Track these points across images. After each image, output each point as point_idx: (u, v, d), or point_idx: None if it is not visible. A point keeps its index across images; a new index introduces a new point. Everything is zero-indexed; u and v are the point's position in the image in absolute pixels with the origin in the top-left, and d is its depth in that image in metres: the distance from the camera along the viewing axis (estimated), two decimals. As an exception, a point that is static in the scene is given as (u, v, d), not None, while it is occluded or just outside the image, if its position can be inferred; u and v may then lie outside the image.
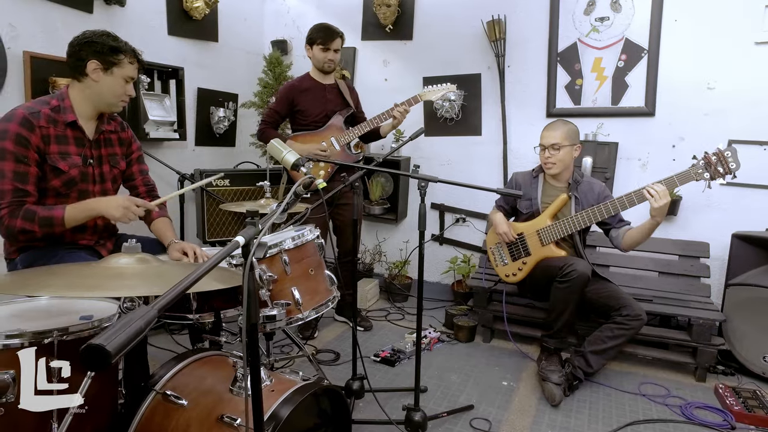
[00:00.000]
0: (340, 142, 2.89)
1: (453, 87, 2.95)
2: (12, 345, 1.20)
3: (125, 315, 0.53)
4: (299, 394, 1.35)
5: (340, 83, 2.98)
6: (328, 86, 2.92)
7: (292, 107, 2.88)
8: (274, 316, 1.45)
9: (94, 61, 1.71)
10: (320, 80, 2.91)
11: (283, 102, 2.88)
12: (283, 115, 2.91)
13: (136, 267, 1.15)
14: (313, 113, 2.87)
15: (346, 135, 2.89)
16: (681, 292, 2.79)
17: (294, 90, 2.88)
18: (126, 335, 0.49)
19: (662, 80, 2.95)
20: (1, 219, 1.58)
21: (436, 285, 3.73)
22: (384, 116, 2.86)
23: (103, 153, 1.86)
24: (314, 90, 2.89)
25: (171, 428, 1.29)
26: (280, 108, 2.89)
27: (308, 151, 2.80)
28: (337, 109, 2.93)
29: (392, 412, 2.12)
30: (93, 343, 0.47)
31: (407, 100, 2.86)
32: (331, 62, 2.85)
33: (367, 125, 2.89)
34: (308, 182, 1.33)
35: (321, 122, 2.90)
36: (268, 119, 2.90)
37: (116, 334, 0.49)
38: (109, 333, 0.49)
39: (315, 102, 2.87)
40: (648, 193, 2.20)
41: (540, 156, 2.53)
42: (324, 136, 2.89)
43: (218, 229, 3.23)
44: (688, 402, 2.30)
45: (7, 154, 1.58)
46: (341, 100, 2.95)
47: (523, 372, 2.60)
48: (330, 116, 2.91)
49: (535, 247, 2.54)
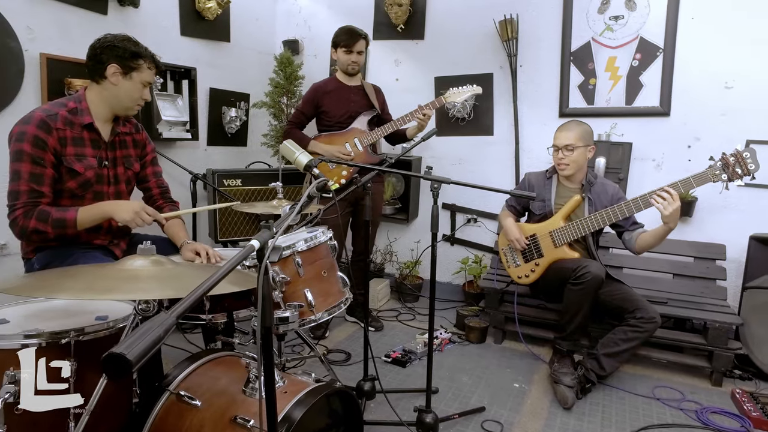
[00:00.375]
0: (363, 143, 2.91)
1: (479, 89, 2.95)
2: (31, 345, 1.21)
3: (144, 323, 0.53)
4: (312, 396, 1.36)
5: (366, 85, 3.02)
6: (353, 88, 2.96)
7: (317, 108, 2.94)
8: (287, 317, 1.45)
9: (115, 65, 1.72)
10: (345, 82, 2.96)
11: (308, 103, 2.94)
12: (308, 115, 2.97)
13: (150, 269, 1.16)
14: (337, 114, 2.91)
15: (370, 136, 2.92)
16: (696, 295, 2.75)
17: (319, 91, 2.93)
18: (146, 344, 0.49)
19: (678, 79, 2.91)
20: (16, 219, 1.60)
21: (447, 285, 3.72)
22: (408, 118, 2.87)
23: (118, 155, 1.87)
24: (339, 91, 2.93)
25: (185, 429, 1.30)
26: (305, 109, 2.95)
27: (330, 151, 2.84)
28: (362, 111, 2.96)
29: (404, 413, 2.12)
30: (114, 352, 0.47)
31: (431, 102, 2.88)
32: (354, 64, 2.89)
33: (390, 126, 2.91)
34: (322, 185, 1.33)
35: (345, 123, 2.93)
36: (294, 120, 2.97)
37: (136, 342, 0.49)
38: (129, 341, 0.49)
39: (339, 103, 2.92)
40: (655, 201, 2.18)
41: (553, 157, 2.51)
42: (347, 137, 2.92)
43: (230, 229, 3.25)
44: (704, 407, 2.26)
45: (25, 156, 1.60)
46: (366, 102, 2.98)
47: (535, 374, 2.58)
48: (354, 117, 2.94)
49: (548, 248, 2.52)
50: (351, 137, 2.92)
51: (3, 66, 2.33)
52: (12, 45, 2.36)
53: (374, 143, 2.96)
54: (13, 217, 1.61)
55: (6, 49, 2.34)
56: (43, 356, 1.21)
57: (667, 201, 2.15)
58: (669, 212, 2.14)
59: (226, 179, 3.21)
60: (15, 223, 1.62)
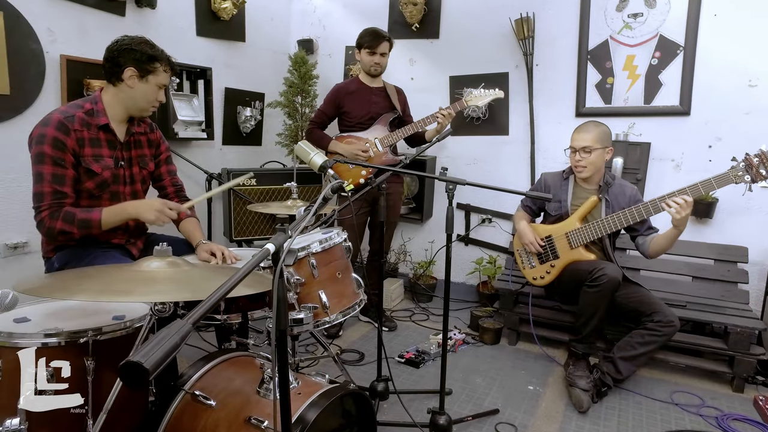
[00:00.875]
0: (384, 144, 2.92)
1: (501, 93, 2.96)
2: (51, 344, 1.24)
3: (161, 330, 0.53)
4: (326, 398, 1.36)
5: (389, 87, 3.03)
6: (375, 89, 2.98)
7: (338, 109, 2.97)
8: (301, 319, 1.45)
9: (132, 69, 1.74)
10: (368, 83, 2.98)
11: (330, 104, 2.97)
12: (330, 116, 3.00)
13: (167, 271, 1.17)
14: (358, 115, 2.94)
15: (390, 137, 2.92)
16: (717, 298, 2.69)
17: (341, 92, 2.96)
18: (162, 352, 0.49)
19: (699, 78, 2.85)
20: (42, 221, 1.63)
21: (461, 285, 3.70)
22: (428, 120, 2.88)
23: (133, 155, 1.90)
24: (360, 92, 2.95)
25: (200, 428, 1.31)
26: (327, 109, 2.98)
27: (351, 152, 2.86)
28: (383, 112, 2.97)
29: (417, 414, 2.11)
30: (131, 360, 0.47)
31: (452, 105, 2.88)
32: (377, 66, 2.91)
33: (411, 128, 2.92)
34: (337, 187, 1.33)
35: (366, 124, 2.95)
36: (316, 120, 3.00)
37: (153, 350, 0.49)
38: (146, 349, 0.49)
39: (360, 104, 2.94)
40: (667, 205, 2.16)
41: (570, 158, 2.48)
42: (368, 138, 2.93)
43: (245, 229, 3.27)
44: (725, 413, 2.22)
45: (46, 158, 1.63)
46: (387, 103, 3.00)
47: (550, 377, 2.56)
48: (375, 118, 2.96)
49: (563, 249, 2.49)
50: (372, 138, 2.93)
51: (25, 68, 2.37)
52: (34, 47, 2.40)
53: (394, 144, 2.97)
54: (39, 219, 1.65)
55: (28, 51, 2.38)
56: (63, 355, 1.24)
57: (681, 207, 2.12)
58: (681, 217, 2.13)
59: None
60: (42, 225, 1.65)
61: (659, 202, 2.22)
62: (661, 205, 2.19)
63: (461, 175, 3.59)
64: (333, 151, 2.90)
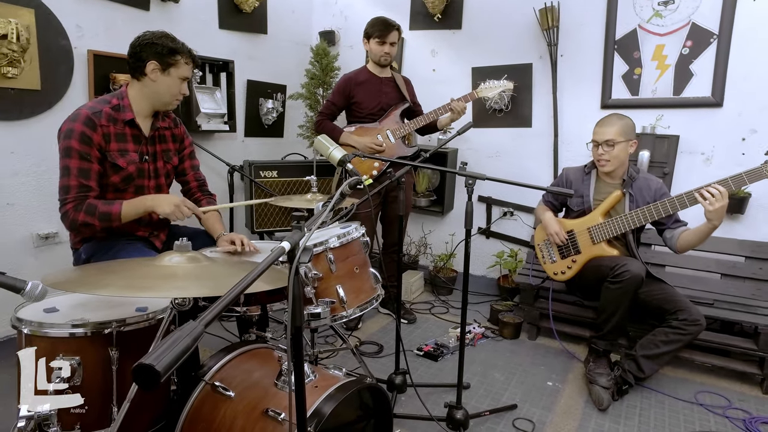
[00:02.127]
0: (396, 136, 2.90)
1: (510, 84, 2.92)
2: (78, 334, 1.29)
3: (174, 332, 0.54)
4: (342, 391, 1.37)
5: (397, 77, 3.00)
6: (384, 79, 2.95)
7: (348, 100, 2.93)
8: (318, 313, 1.47)
9: (154, 62, 1.77)
10: (377, 73, 2.94)
11: (339, 94, 2.93)
12: (340, 107, 2.96)
13: (187, 267, 1.19)
14: (369, 106, 2.91)
15: (402, 128, 2.90)
16: (747, 297, 2.60)
17: (351, 82, 2.92)
18: (174, 354, 0.51)
19: (733, 67, 2.74)
20: (67, 212, 1.69)
21: (482, 279, 3.67)
22: (440, 111, 2.85)
23: (158, 149, 1.94)
24: (370, 83, 2.92)
25: (219, 418, 1.34)
26: (336, 100, 2.94)
27: (363, 144, 2.85)
28: (393, 103, 2.95)
29: (434, 408, 2.12)
30: (143, 363, 0.49)
31: (464, 96, 2.84)
32: (387, 55, 2.87)
33: (423, 119, 2.89)
34: (354, 183, 1.33)
35: (377, 115, 2.93)
36: (325, 111, 2.96)
37: (165, 353, 0.50)
38: (158, 352, 0.50)
39: (371, 95, 2.90)
40: (701, 196, 2.08)
41: (593, 152, 2.42)
42: (380, 130, 2.91)
43: (266, 220, 3.31)
44: (754, 416, 2.15)
45: (73, 152, 1.67)
46: (397, 94, 2.97)
47: (570, 373, 2.53)
48: (386, 109, 2.93)
49: (585, 245, 2.45)
50: (383, 129, 2.91)
51: (55, 64, 2.44)
52: (63, 43, 2.46)
53: (406, 135, 2.94)
54: (63, 211, 1.70)
55: (58, 47, 2.45)
56: (90, 346, 1.29)
57: (715, 198, 2.04)
58: (715, 208, 2.04)
59: (263, 170, 3.27)
60: (66, 216, 1.70)
61: (694, 192, 2.12)
62: (695, 196, 2.11)
63: (482, 167, 3.57)
64: (345, 143, 2.88)
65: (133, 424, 1.35)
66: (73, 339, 1.28)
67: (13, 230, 2.40)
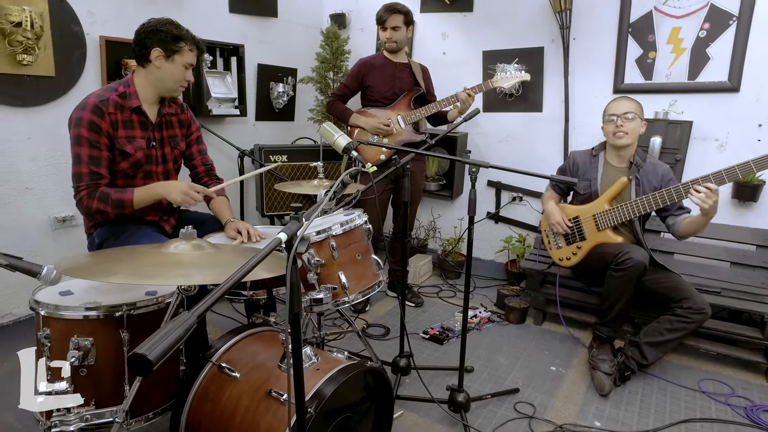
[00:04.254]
0: (406, 121, 2.90)
1: (527, 76, 2.87)
2: (91, 316, 1.35)
3: (168, 323, 0.58)
4: (343, 374, 1.42)
5: (414, 64, 2.99)
6: (399, 65, 2.94)
7: (362, 83, 2.94)
8: (321, 299, 1.51)
9: (158, 49, 1.80)
10: (392, 59, 2.94)
11: (354, 77, 2.95)
12: (353, 89, 2.98)
13: (192, 254, 1.24)
14: (382, 90, 2.91)
15: (413, 114, 2.90)
16: (756, 286, 2.58)
17: (366, 66, 2.93)
18: (166, 344, 0.54)
19: (753, 51, 2.65)
20: (81, 200, 1.75)
21: (490, 263, 3.69)
22: (452, 99, 2.83)
23: (164, 135, 1.98)
24: (385, 67, 2.92)
25: (225, 398, 1.41)
26: (350, 83, 2.96)
27: (371, 124, 2.86)
28: (407, 88, 2.94)
29: (438, 390, 2.18)
30: (137, 353, 0.53)
31: (477, 86, 2.81)
32: (390, 41, 2.86)
33: (434, 107, 2.88)
34: (355, 172, 1.35)
35: (389, 100, 2.93)
36: (338, 92, 2.99)
37: (157, 343, 0.54)
38: (151, 342, 0.54)
39: (384, 79, 2.91)
40: (692, 195, 2.09)
41: (608, 128, 2.39)
42: (390, 114, 2.92)
43: (276, 204, 3.36)
44: (756, 404, 2.16)
45: (83, 140, 1.72)
46: (412, 80, 2.96)
47: (574, 358, 2.55)
48: (398, 94, 2.93)
49: (590, 231, 2.45)
50: (394, 114, 2.91)
51: (68, 50, 2.49)
52: (76, 30, 2.50)
53: (417, 122, 2.94)
54: (78, 198, 1.76)
55: (72, 34, 2.49)
56: (102, 327, 1.35)
57: (707, 195, 2.04)
58: (708, 206, 2.05)
59: (273, 155, 3.30)
60: (81, 204, 1.77)
61: (682, 188, 2.15)
62: (688, 191, 2.12)
63: (493, 152, 3.56)
64: (354, 124, 2.90)
65: (144, 402, 1.43)
66: (86, 321, 1.34)
67: (32, 214, 2.49)
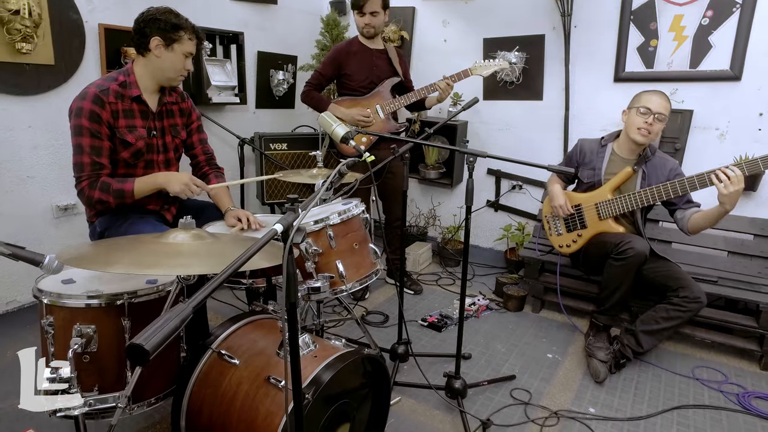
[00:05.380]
0: (385, 111, 2.87)
1: (505, 64, 2.86)
2: (93, 305, 1.38)
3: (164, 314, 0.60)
4: (341, 361, 1.45)
5: (390, 49, 2.92)
6: (375, 51, 2.88)
7: (339, 71, 2.87)
8: (318, 288, 1.54)
9: (157, 38, 1.80)
10: (368, 45, 2.87)
11: (329, 65, 2.86)
12: (328, 77, 2.89)
13: (192, 244, 1.26)
14: (359, 78, 2.85)
15: (392, 104, 2.86)
16: (752, 275, 2.59)
17: (342, 53, 2.85)
18: (162, 334, 0.56)
19: (755, 39, 2.63)
20: (83, 190, 1.77)
21: (490, 251, 3.72)
22: (432, 88, 2.79)
23: (165, 124, 1.99)
24: (362, 54, 2.84)
25: (225, 384, 1.44)
26: (326, 71, 2.87)
27: (351, 116, 2.80)
28: (384, 76, 2.89)
29: (435, 377, 2.21)
30: (134, 343, 0.55)
31: (454, 75, 2.78)
32: (368, 27, 2.78)
33: (413, 96, 2.84)
34: (352, 163, 1.37)
35: (367, 88, 2.88)
36: (313, 81, 2.89)
37: (154, 333, 0.56)
38: (148, 333, 0.56)
39: (362, 67, 2.84)
40: (717, 177, 2.02)
41: (635, 119, 2.29)
42: (369, 103, 2.87)
43: (277, 192, 3.38)
44: (747, 391, 2.19)
45: (84, 130, 1.74)
46: (389, 67, 2.91)
47: (571, 346, 2.58)
48: (376, 83, 2.88)
49: (592, 220, 2.46)
50: (373, 104, 2.86)
51: (68, 39, 2.48)
52: (74, 18, 2.50)
53: (395, 111, 2.90)
54: (80, 188, 1.78)
55: (70, 22, 2.48)
56: (104, 315, 1.38)
57: (731, 180, 1.99)
58: (729, 192, 1.99)
59: (272, 143, 3.31)
60: (82, 194, 1.79)
61: (710, 174, 2.06)
62: (711, 177, 2.05)
63: (493, 140, 3.56)
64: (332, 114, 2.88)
65: (146, 388, 1.46)
66: (89, 309, 1.37)
67: (34, 202, 2.51)
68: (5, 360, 2.23)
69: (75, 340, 1.35)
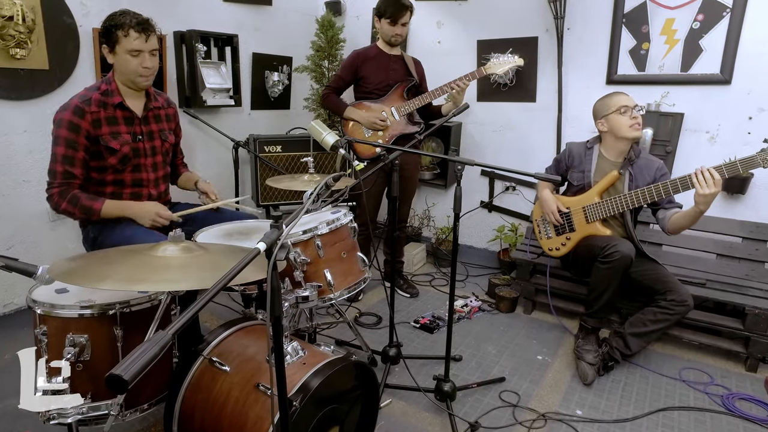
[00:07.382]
0: (400, 113, 2.92)
1: (521, 61, 2.84)
2: (86, 314, 1.41)
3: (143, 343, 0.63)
4: (329, 368, 1.48)
5: (406, 56, 3.00)
6: (393, 56, 2.96)
7: (356, 75, 2.95)
8: (307, 296, 1.57)
9: (105, 46, 1.85)
10: (386, 50, 2.95)
11: (347, 69, 2.96)
12: (347, 81, 2.99)
13: (181, 257, 1.29)
14: (375, 81, 2.92)
15: (407, 105, 2.92)
16: (740, 278, 2.63)
17: (359, 57, 2.94)
18: (141, 363, 0.59)
19: (745, 43, 2.66)
20: (52, 196, 1.82)
21: (483, 252, 3.75)
22: (445, 88, 2.82)
23: (153, 128, 2.03)
24: (379, 59, 2.93)
25: (216, 390, 1.47)
26: (344, 75, 2.97)
27: (367, 119, 2.88)
28: (400, 80, 2.95)
29: (426, 379, 2.25)
30: (113, 374, 0.58)
31: (470, 73, 2.80)
32: (398, 36, 2.87)
33: (427, 96, 2.88)
34: (338, 177, 1.39)
35: (383, 91, 2.94)
36: (333, 85, 3.00)
37: (133, 363, 0.59)
38: (127, 363, 0.59)
39: (378, 71, 2.92)
40: (695, 177, 2.07)
41: (622, 120, 2.34)
42: (384, 106, 2.93)
43: (271, 194, 3.40)
44: (732, 392, 2.23)
45: (61, 140, 1.79)
46: (405, 71, 2.97)
47: (560, 348, 2.62)
48: (392, 86, 2.94)
49: (580, 223, 2.49)
50: (388, 106, 2.92)
51: (62, 43, 2.50)
52: (68, 22, 2.51)
53: (412, 112, 2.95)
54: (50, 194, 1.83)
55: (64, 26, 2.50)
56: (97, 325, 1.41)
57: (708, 183, 2.03)
58: (705, 193, 2.03)
59: (267, 145, 3.33)
60: (51, 199, 1.84)
61: (679, 183, 2.14)
62: (690, 178, 2.09)
63: (487, 142, 3.58)
64: (349, 117, 2.92)
65: (139, 394, 1.50)
66: (81, 319, 1.40)
67: (30, 206, 2.54)
68: (3, 361, 2.27)
69: (68, 350, 1.38)
